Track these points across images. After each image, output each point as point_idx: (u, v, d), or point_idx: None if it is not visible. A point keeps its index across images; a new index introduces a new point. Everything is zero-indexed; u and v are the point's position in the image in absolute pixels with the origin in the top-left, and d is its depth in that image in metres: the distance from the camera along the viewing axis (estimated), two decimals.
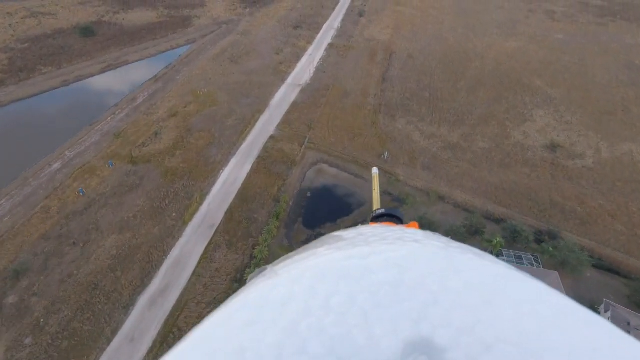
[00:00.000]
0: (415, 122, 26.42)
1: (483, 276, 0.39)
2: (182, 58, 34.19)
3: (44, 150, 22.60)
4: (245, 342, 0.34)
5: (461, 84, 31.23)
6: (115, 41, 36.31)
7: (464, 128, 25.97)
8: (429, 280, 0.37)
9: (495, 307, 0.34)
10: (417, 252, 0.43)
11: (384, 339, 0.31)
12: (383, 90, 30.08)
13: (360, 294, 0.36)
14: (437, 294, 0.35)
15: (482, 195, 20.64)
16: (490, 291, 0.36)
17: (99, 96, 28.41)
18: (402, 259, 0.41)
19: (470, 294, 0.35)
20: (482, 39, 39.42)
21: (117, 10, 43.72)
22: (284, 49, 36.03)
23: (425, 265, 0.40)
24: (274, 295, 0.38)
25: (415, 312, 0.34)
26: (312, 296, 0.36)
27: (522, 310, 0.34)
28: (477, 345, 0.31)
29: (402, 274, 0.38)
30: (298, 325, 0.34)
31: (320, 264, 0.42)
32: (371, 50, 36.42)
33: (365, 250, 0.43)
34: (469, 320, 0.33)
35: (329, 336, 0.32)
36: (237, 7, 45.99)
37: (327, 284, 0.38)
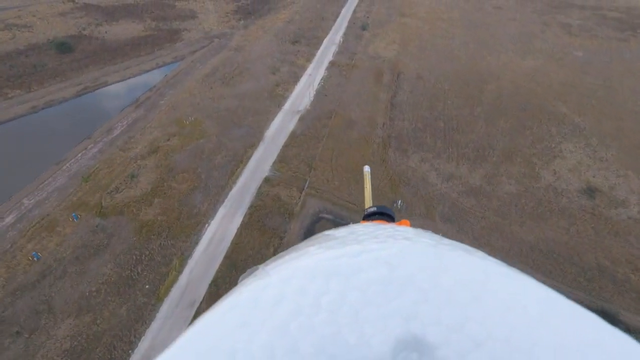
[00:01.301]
0: (431, 159, 23.17)
1: (472, 273, 0.39)
2: (168, 79, 30.80)
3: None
4: (237, 343, 0.34)
5: (478, 110, 28.03)
6: (94, 59, 32.87)
7: (486, 166, 22.75)
8: (419, 278, 0.38)
9: (484, 304, 0.34)
10: (407, 249, 0.43)
11: (374, 337, 0.31)
12: (392, 118, 26.83)
13: (350, 292, 0.36)
14: (427, 291, 0.36)
15: (516, 258, 17.39)
16: (480, 288, 0.36)
17: (70, 126, 24.95)
18: (392, 257, 0.41)
19: (460, 291, 0.36)
20: (496, 57, 36.29)
21: (100, 21, 40.30)
22: (280, 68, 32.73)
23: (416, 263, 0.40)
24: (264, 295, 0.38)
25: (406, 310, 0.34)
26: (303, 296, 0.36)
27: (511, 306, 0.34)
28: (467, 342, 0.31)
29: (392, 272, 0.38)
30: (289, 325, 0.34)
31: (311, 263, 0.42)
32: (377, 69, 33.18)
33: (355, 248, 0.43)
34: (458, 317, 0.33)
35: (319, 335, 0.32)
36: (230, 19, 42.68)
37: (317, 283, 0.38)
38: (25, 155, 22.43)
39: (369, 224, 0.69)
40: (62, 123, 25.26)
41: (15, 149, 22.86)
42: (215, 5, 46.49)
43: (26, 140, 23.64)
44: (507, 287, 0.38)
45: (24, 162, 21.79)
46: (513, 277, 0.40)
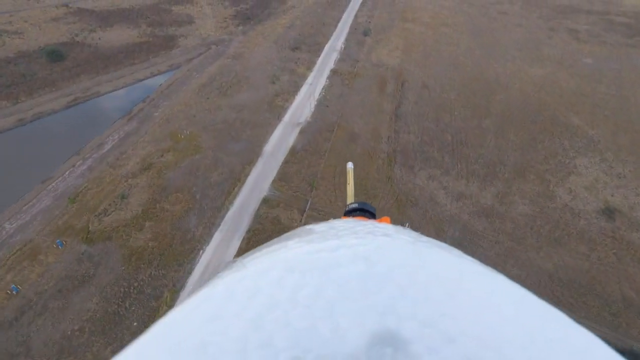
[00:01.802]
0: (439, 177, 21.92)
1: (449, 270, 0.40)
2: (163, 88, 29.54)
3: None
4: (208, 336, 0.34)
5: (486, 122, 26.80)
6: (86, 67, 31.61)
7: (498, 184, 21.51)
8: (397, 274, 0.38)
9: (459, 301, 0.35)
10: (386, 246, 0.44)
11: (349, 331, 0.31)
12: (397, 131, 25.59)
13: (327, 287, 0.36)
14: (404, 287, 0.36)
15: (534, 288, 15.91)
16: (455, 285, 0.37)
17: (59, 140, 23.68)
18: (371, 253, 0.41)
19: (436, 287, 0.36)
20: (503, 64, 35.09)
21: (94, 27, 39.05)
22: (280, 77, 31.49)
23: (394, 259, 0.41)
24: (239, 288, 0.38)
25: (382, 305, 0.34)
26: (279, 289, 0.36)
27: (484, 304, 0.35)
28: (440, 338, 0.31)
29: (370, 268, 0.39)
30: (264, 318, 0.34)
31: (289, 256, 0.42)
32: (380, 78, 31.96)
33: (335, 243, 0.44)
34: (433, 313, 0.33)
35: (294, 329, 0.32)
36: (229, 25, 41.46)
37: (295, 276, 0.38)
38: (9, 173, 21.15)
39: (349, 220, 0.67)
40: (50, 137, 23.98)
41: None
42: (213, 9, 45.30)
43: (11, 157, 22.36)
44: (482, 285, 0.39)
45: (8, 180, 20.52)
46: (488, 276, 0.41)
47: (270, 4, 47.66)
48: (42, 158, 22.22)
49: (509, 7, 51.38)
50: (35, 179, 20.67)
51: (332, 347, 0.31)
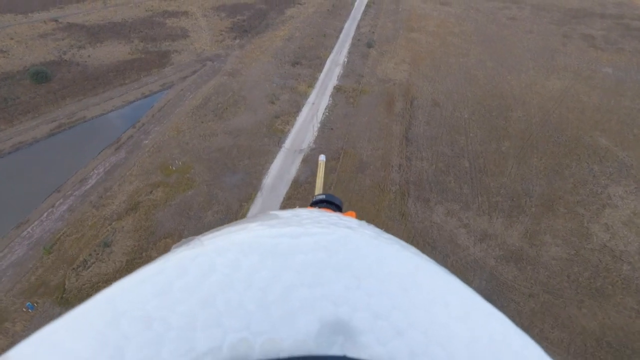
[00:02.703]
0: (458, 212, 19.68)
1: (405, 266, 0.41)
2: (154, 111, 27.44)
3: None
4: (154, 310, 0.33)
5: (506, 145, 24.54)
6: (73, 89, 29.56)
7: (525, 220, 19.24)
8: (355, 266, 0.39)
9: (411, 296, 0.36)
10: (348, 238, 0.44)
11: (302, 317, 0.32)
12: (409, 157, 23.37)
13: (285, 272, 0.36)
14: (360, 279, 0.37)
15: (580, 357, 13.84)
16: (409, 280, 0.38)
17: (39, 175, 21.58)
18: (332, 243, 0.42)
19: (391, 281, 0.37)
20: (518, 76, 32.86)
21: (83, 43, 37.03)
22: (280, 96, 29.35)
23: (354, 251, 0.41)
24: (194, 264, 0.37)
25: (337, 294, 0.34)
26: (235, 270, 0.36)
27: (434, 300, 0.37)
28: (389, 330, 0.32)
29: (330, 257, 0.39)
30: (216, 298, 0.33)
31: (248, 238, 0.42)
32: (387, 95, 29.77)
33: (297, 230, 0.44)
34: (386, 306, 0.34)
35: (246, 311, 0.32)
36: (225, 38, 39.37)
37: (252, 259, 0.37)
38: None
39: (314, 210, 0.68)
40: (29, 172, 21.89)
41: None
42: (209, 22, 43.27)
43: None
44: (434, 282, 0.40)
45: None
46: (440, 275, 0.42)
47: (268, 15, 45.62)
48: (19, 197, 20.12)
49: (518, 11, 49.17)
50: (10, 223, 18.57)
51: (283, 331, 0.31)
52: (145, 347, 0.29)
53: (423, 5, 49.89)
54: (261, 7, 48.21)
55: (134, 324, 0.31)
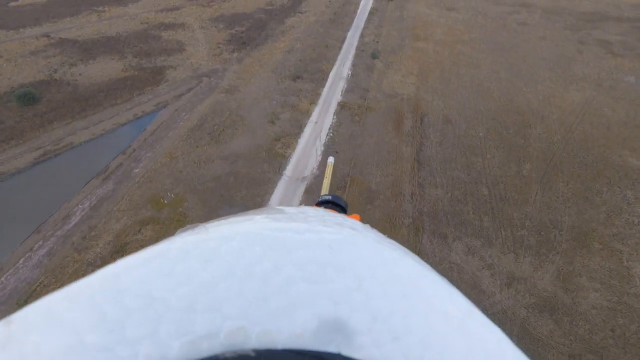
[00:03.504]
0: (479, 249, 17.62)
1: (407, 272, 0.42)
2: (146, 136, 25.66)
3: None
4: (156, 291, 0.33)
5: (527, 168, 22.46)
6: (61, 111, 27.89)
7: (556, 258, 17.13)
8: (357, 267, 0.39)
9: (410, 302, 0.37)
10: (352, 238, 0.45)
11: (300, 312, 0.32)
12: (421, 184, 21.36)
13: (287, 266, 0.36)
14: (362, 280, 0.37)
15: None
16: (410, 286, 0.39)
17: (18, 212, 19.83)
18: (336, 242, 0.42)
19: (392, 286, 0.38)
20: (534, 88, 30.76)
21: (75, 61, 35.46)
22: (280, 115, 27.49)
23: (357, 252, 0.42)
24: (197, 249, 0.37)
25: (338, 293, 0.35)
26: (238, 259, 0.36)
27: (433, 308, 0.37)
28: (386, 334, 0.32)
29: (333, 256, 0.40)
30: (217, 284, 0.33)
31: (253, 229, 0.42)
32: (395, 112, 27.81)
33: (302, 226, 0.44)
34: (385, 310, 0.34)
35: (246, 300, 0.32)
36: (222, 51, 37.65)
37: (256, 250, 0.38)
38: None
39: (320, 209, 0.68)
40: (8, 209, 20.13)
41: None
42: (206, 34, 41.61)
43: None
44: (434, 291, 0.40)
45: None
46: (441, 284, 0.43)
47: (268, 25, 43.90)
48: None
49: (528, 16, 47.09)
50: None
51: (280, 324, 0.31)
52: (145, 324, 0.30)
53: (429, 12, 47.98)
54: (261, 17, 46.57)
55: (135, 301, 0.31)
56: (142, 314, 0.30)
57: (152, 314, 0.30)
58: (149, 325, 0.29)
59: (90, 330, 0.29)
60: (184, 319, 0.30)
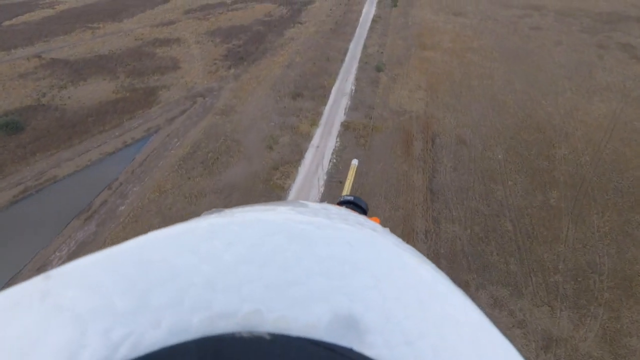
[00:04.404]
0: (507, 301, 15.26)
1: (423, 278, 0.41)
2: (135, 166, 23.77)
3: None
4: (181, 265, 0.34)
5: (554, 196, 20.04)
6: (46, 141, 26.17)
7: (598, 312, 14.70)
8: (375, 267, 0.39)
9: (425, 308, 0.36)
10: (372, 238, 0.45)
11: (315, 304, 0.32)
12: (436, 219, 19.07)
13: (307, 258, 0.37)
14: (379, 280, 0.37)
15: None
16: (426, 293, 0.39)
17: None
18: (356, 240, 0.42)
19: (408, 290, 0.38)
20: (554, 100, 28.29)
21: (65, 82, 33.89)
22: (279, 138, 25.42)
23: (376, 253, 0.42)
24: (223, 232, 0.38)
25: (354, 291, 0.35)
26: (260, 245, 0.37)
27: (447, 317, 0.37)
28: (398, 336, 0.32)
29: (352, 254, 0.40)
30: (238, 267, 0.34)
31: (277, 219, 0.43)
32: (403, 132, 25.56)
33: (324, 221, 0.44)
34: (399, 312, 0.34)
35: (265, 284, 0.33)
36: (218, 68, 35.80)
37: (277, 239, 0.39)
38: None
39: (342, 208, 0.69)
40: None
41: None
42: (201, 49, 39.86)
43: None
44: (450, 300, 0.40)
45: None
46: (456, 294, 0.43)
47: (266, 37, 42.04)
48: None
49: (541, 19, 44.57)
50: None
51: (296, 312, 0.32)
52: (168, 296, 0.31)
53: (435, 18, 45.73)
54: (259, 29, 44.76)
55: (161, 273, 0.33)
56: (166, 286, 0.32)
57: (175, 287, 0.32)
58: (172, 298, 0.31)
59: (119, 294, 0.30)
60: (205, 296, 0.31)
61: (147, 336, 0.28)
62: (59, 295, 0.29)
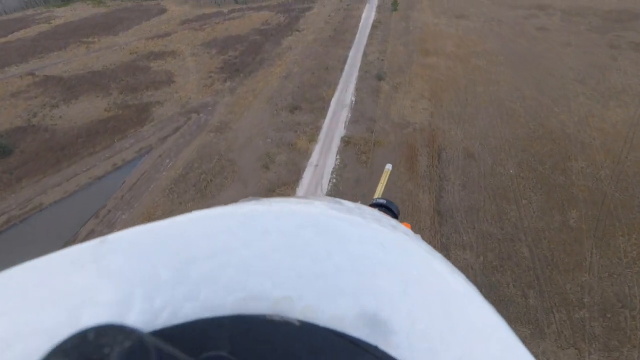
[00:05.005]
0: (527, 342, 13.67)
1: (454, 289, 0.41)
2: (124, 191, 22.57)
3: None
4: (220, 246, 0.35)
5: (574, 216, 18.42)
6: (34, 165, 25.12)
7: (633, 356, 13.05)
8: (406, 272, 0.39)
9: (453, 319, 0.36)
10: (404, 242, 0.44)
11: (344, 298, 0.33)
12: (445, 244, 17.55)
13: (339, 254, 0.37)
14: (408, 285, 0.37)
15: None
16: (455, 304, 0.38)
17: None
18: (389, 242, 0.42)
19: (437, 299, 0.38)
20: (567, 107, 26.65)
21: (57, 101, 32.99)
22: (276, 157, 24.08)
23: (407, 257, 0.42)
24: (260, 219, 0.39)
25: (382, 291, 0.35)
26: (295, 237, 0.38)
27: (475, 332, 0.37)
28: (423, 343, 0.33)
29: (384, 255, 0.40)
30: (271, 254, 0.35)
31: (313, 212, 0.43)
32: (407, 146, 24.09)
33: (358, 220, 0.44)
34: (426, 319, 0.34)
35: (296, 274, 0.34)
36: (214, 81, 34.64)
37: (311, 231, 0.39)
38: None
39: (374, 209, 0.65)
40: None
41: None
42: (197, 61, 38.79)
43: None
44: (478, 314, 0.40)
45: None
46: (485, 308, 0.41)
47: (263, 47, 40.88)
48: None
49: (547, 19, 42.89)
50: None
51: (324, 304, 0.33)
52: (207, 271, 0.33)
53: (437, 21, 44.26)
54: (255, 39, 43.64)
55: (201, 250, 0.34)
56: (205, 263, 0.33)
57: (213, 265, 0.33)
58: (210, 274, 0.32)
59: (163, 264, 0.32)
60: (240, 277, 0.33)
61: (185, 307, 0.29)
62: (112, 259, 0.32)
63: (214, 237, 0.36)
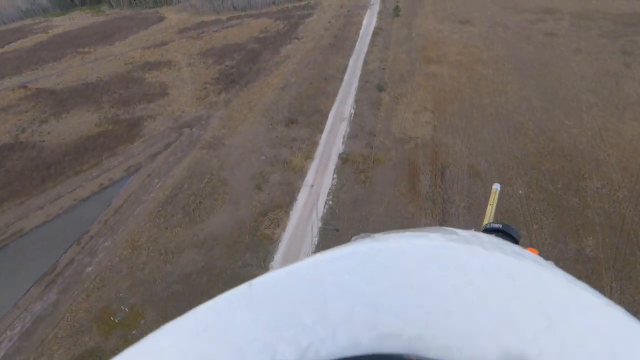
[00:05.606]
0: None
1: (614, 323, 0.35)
2: (109, 215, 21.38)
3: None
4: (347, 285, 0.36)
5: (590, 244, 16.87)
6: (19, 185, 24.09)
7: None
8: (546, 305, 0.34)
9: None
10: (536, 271, 0.40)
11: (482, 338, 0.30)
12: None
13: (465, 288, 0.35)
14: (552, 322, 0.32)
15: None
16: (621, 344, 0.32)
17: None
18: (519, 273, 0.38)
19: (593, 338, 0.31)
20: (579, 119, 25.07)
21: (47, 115, 32.08)
22: (269, 176, 22.79)
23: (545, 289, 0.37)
24: (380, 256, 0.40)
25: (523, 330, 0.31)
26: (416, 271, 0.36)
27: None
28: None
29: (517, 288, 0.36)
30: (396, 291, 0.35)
31: (430, 245, 0.42)
32: (408, 163, 22.67)
33: (479, 250, 0.42)
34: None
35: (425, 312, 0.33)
36: (209, 92, 33.50)
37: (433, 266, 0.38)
38: None
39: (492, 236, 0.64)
40: None
41: None
42: (192, 72, 37.74)
43: None
44: None
45: None
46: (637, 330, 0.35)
47: (261, 56, 39.73)
48: None
49: (555, 24, 41.26)
50: None
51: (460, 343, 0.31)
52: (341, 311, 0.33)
53: (440, 27, 42.84)
54: (253, 47, 42.55)
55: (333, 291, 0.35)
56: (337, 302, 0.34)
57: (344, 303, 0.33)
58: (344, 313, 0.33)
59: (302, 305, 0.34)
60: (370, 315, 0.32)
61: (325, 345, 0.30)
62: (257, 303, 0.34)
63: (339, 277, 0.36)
